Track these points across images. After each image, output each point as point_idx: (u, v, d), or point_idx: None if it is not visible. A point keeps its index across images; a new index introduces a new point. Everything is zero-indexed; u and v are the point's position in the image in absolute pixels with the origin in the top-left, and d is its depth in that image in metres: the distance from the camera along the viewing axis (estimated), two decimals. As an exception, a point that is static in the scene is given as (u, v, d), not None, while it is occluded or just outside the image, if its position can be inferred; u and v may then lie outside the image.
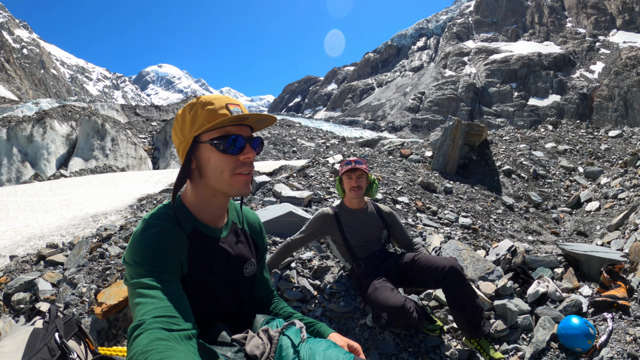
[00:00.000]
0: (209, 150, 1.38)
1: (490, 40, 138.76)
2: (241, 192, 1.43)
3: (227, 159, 1.38)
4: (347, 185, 3.32)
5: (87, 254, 3.80)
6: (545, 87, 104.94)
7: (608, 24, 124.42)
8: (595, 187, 7.97)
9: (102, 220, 6.61)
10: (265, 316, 1.66)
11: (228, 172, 1.39)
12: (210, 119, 1.35)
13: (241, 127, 1.41)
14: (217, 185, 1.42)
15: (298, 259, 3.78)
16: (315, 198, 5.27)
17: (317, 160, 6.79)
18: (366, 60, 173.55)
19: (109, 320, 2.96)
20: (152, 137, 24.41)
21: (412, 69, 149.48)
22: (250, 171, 1.44)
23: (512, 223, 6.65)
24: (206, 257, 1.48)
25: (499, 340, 3.31)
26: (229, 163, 1.38)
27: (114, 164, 18.96)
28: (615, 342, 3.08)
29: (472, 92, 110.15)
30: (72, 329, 1.70)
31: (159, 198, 8.07)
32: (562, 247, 4.44)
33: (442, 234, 5.12)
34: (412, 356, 3.09)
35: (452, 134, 8.77)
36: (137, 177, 11.62)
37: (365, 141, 19.27)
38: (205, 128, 1.35)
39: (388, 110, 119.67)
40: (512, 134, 12.16)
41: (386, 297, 2.94)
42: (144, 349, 1.04)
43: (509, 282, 3.73)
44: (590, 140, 11.76)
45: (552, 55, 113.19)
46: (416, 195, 6.46)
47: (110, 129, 20.46)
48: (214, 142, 1.36)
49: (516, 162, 9.47)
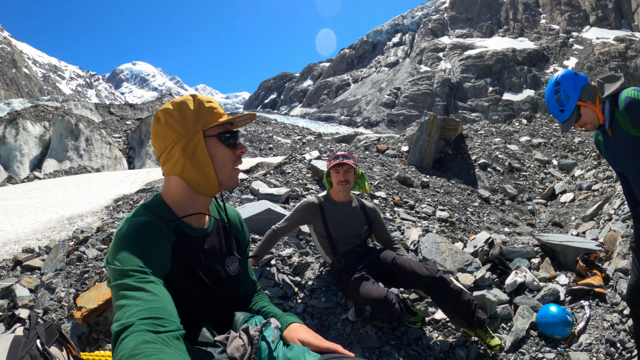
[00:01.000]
0: (215, 144, 1.47)
1: (465, 36, 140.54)
2: (237, 184, 1.55)
3: (231, 152, 1.49)
4: (334, 179, 3.37)
5: (64, 258, 3.72)
6: (520, 82, 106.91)
7: (581, 20, 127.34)
8: (570, 179, 8.18)
9: (78, 222, 6.48)
10: (245, 314, 1.66)
11: (230, 164, 1.49)
12: (216, 115, 1.46)
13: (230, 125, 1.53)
14: (220, 177, 1.48)
15: (278, 255, 3.79)
16: (293, 195, 5.27)
17: (294, 157, 6.80)
18: (342, 56, 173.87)
19: (90, 324, 2.91)
20: (126, 136, 23.99)
21: (387, 65, 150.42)
22: None
23: (488, 215, 6.78)
24: (189, 255, 1.48)
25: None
26: (231, 156, 1.49)
27: (88, 165, 18.56)
28: (593, 329, 3.20)
29: (447, 87, 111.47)
30: (53, 335, 1.67)
31: (135, 198, 7.96)
32: (538, 237, 4.56)
33: (420, 227, 5.19)
34: (395, 349, 3.13)
35: (428, 129, 8.87)
36: (112, 177, 11.42)
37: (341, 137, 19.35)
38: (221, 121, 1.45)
39: (364, 106, 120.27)
40: (487, 128, 12.36)
41: (369, 290, 3.00)
42: (131, 352, 1.03)
43: (487, 273, 3.81)
44: (564, 133, 12.04)
45: (526, 51, 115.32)
46: (393, 189, 6.52)
47: (84, 129, 20.02)
48: (224, 135, 1.47)
49: (491, 155, 9.64)
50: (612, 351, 2.95)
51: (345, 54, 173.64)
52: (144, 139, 22.28)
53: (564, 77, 2.58)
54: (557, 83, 2.59)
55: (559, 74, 2.62)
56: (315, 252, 4.03)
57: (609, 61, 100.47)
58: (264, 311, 1.72)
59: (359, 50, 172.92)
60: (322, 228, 3.37)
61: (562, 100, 2.57)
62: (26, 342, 1.53)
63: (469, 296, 3.07)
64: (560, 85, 2.58)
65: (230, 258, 1.64)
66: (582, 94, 2.53)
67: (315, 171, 6.03)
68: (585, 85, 2.53)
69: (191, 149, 1.44)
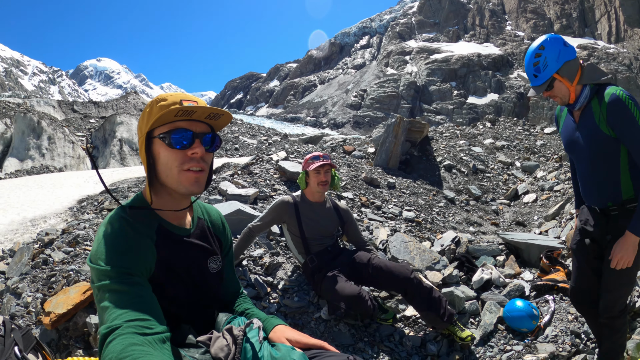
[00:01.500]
0: (159, 145, 1.38)
1: (432, 41, 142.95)
2: (190, 189, 1.40)
3: (175, 153, 1.37)
4: (314, 180, 3.41)
5: (29, 261, 3.62)
6: (484, 86, 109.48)
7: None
8: (532, 180, 8.49)
9: (41, 224, 6.30)
10: (227, 314, 1.65)
11: (176, 167, 1.37)
12: (166, 114, 1.33)
13: (196, 123, 1.41)
14: (167, 181, 1.40)
15: (249, 256, 3.82)
16: (261, 195, 5.29)
17: (261, 158, 6.81)
18: (309, 57, 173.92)
19: (59, 330, 2.84)
20: (90, 135, 23.31)
21: (354, 67, 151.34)
22: (202, 168, 1.42)
23: (453, 215, 6.97)
24: (172, 254, 1.46)
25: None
26: (176, 158, 1.37)
27: (51, 164, 17.92)
28: (558, 321, 3.37)
29: (413, 90, 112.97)
30: (30, 341, 1.63)
31: (100, 199, 7.78)
32: (502, 236, 4.75)
33: (388, 227, 5.30)
34: (368, 345, 3.22)
35: (395, 131, 9.02)
36: (75, 177, 11.11)
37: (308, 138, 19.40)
38: (153, 122, 1.35)
39: (330, 107, 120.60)
40: (452, 131, 12.64)
41: (342, 287, 3.08)
42: (119, 355, 1.02)
43: (455, 270, 3.96)
44: (526, 136, 12.46)
45: (491, 56, 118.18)
46: (360, 190, 6.62)
47: (47, 127, 19.31)
48: (161, 136, 1.37)
49: (456, 157, 9.89)
50: (577, 342, 3.12)
51: (312, 55, 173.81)
52: (108, 138, 21.70)
53: (550, 44, 2.41)
54: (541, 47, 2.42)
55: (546, 37, 2.45)
56: (286, 253, 4.07)
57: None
58: (248, 313, 1.72)
59: (326, 52, 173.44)
60: (296, 227, 3.42)
61: (539, 67, 2.43)
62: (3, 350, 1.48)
63: (439, 293, 3.19)
64: (544, 50, 2.42)
65: (212, 257, 1.62)
66: (562, 69, 2.40)
67: (283, 172, 6.05)
68: (569, 60, 2.40)
69: (142, 151, 1.42)
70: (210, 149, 1.45)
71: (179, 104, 1.36)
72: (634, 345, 2.85)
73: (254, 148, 20.72)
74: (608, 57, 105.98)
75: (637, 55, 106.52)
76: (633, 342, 2.87)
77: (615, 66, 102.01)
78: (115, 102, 32.96)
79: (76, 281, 3.24)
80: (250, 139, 22.87)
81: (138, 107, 32.00)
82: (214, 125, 1.48)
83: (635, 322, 3.11)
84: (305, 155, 4.37)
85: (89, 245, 3.92)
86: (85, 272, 3.39)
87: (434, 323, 3.19)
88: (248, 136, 23.86)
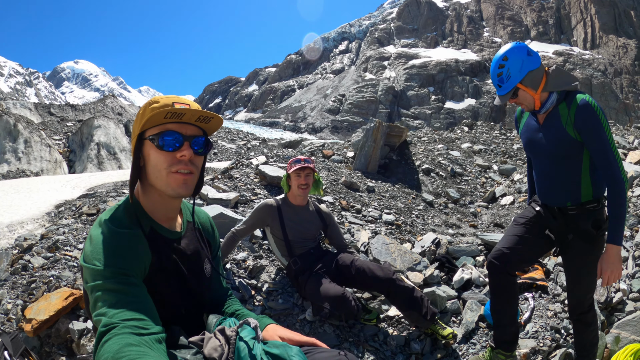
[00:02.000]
0: (149, 147, 1.40)
1: (410, 46, 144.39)
2: (177, 191, 1.42)
3: (163, 155, 1.39)
4: (295, 183, 3.47)
5: (8, 267, 3.56)
6: (462, 91, 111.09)
7: (523, 34, 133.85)
8: (509, 183, 8.69)
9: (18, 229, 6.15)
10: (218, 316, 1.66)
11: (164, 169, 1.39)
12: (157, 116, 1.35)
13: (187, 126, 1.42)
14: (156, 183, 1.42)
15: (232, 259, 3.84)
16: (241, 199, 5.30)
17: (241, 162, 6.82)
18: (288, 62, 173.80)
19: (41, 337, 2.80)
20: (67, 138, 22.83)
21: (333, 72, 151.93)
22: (191, 171, 1.43)
23: (432, 218, 7.08)
24: (164, 257, 1.47)
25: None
26: (165, 160, 1.39)
27: (27, 168, 17.50)
28: (538, 318, 3.50)
29: (391, 95, 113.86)
30: (19, 346, 1.61)
31: (77, 204, 7.64)
32: (481, 237, 4.87)
33: (368, 230, 5.38)
34: (353, 345, 3.28)
35: (374, 135, 9.12)
36: (52, 182, 10.87)
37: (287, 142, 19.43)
38: (144, 123, 1.38)
39: (308, 112, 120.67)
40: (430, 135, 12.83)
41: (326, 288, 3.13)
42: (115, 355, 1.03)
43: (436, 271, 4.06)
44: (503, 140, 12.73)
45: (469, 62, 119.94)
46: (340, 194, 6.68)
47: (23, 130, 18.84)
48: (151, 137, 1.39)
49: (435, 161, 10.05)
50: (557, 337, 3.25)
51: (291, 60, 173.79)
52: (85, 141, 21.31)
53: (513, 54, 2.45)
54: (504, 58, 2.47)
55: (510, 47, 2.48)
56: (269, 256, 4.10)
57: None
58: (238, 314, 1.73)
59: (305, 57, 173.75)
60: (279, 230, 3.46)
61: (503, 77, 2.48)
62: None
63: (420, 293, 3.27)
64: (507, 61, 2.46)
65: (203, 260, 1.64)
66: (525, 79, 2.45)
67: (263, 176, 6.08)
68: (533, 70, 2.45)
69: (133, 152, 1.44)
70: (200, 152, 1.47)
71: (170, 106, 1.38)
72: (612, 339, 2.97)
73: (233, 152, 20.63)
74: (584, 63, 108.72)
75: (612, 61, 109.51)
76: (612, 336, 2.99)
77: (590, 72, 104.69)
78: (92, 106, 32.38)
79: (57, 287, 3.21)
80: (229, 144, 22.75)
81: (116, 110, 31.50)
82: (206, 129, 1.50)
83: (613, 317, 3.24)
84: (287, 160, 4.42)
85: (69, 250, 3.88)
86: (66, 277, 3.36)
87: (417, 322, 3.26)
88: (227, 140, 23.74)
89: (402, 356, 3.30)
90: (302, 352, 1.45)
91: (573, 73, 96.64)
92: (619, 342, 2.94)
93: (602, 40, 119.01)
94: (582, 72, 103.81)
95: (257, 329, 1.50)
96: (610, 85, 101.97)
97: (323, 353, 1.52)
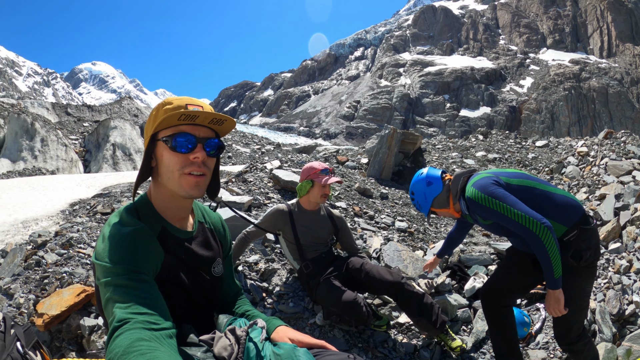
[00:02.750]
0: (162, 148, 1.40)
1: (425, 53, 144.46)
2: (190, 193, 1.41)
3: (176, 157, 1.38)
4: (319, 191, 3.44)
5: (22, 262, 3.60)
6: (477, 99, 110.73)
7: (539, 42, 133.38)
8: (523, 193, 8.60)
9: (32, 226, 6.25)
10: (228, 316, 1.66)
11: (177, 170, 1.39)
12: (170, 118, 1.35)
13: (200, 128, 1.42)
14: (169, 184, 1.42)
15: (244, 262, 3.84)
16: (255, 203, 5.31)
17: (255, 166, 6.84)
18: (304, 67, 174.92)
19: (51, 332, 2.83)
20: (83, 138, 23.17)
21: (348, 78, 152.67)
22: (203, 172, 1.43)
23: (445, 226, 7.02)
24: (174, 256, 1.48)
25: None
26: (178, 161, 1.38)
27: (43, 167, 17.76)
28: (549, 329, 3.44)
29: (406, 102, 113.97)
30: (31, 338, 1.61)
31: (92, 203, 7.74)
32: (494, 246, 4.81)
33: (381, 236, 5.35)
34: (362, 351, 3.25)
35: (388, 142, 9.10)
36: (68, 180, 11.03)
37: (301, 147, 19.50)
38: (157, 124, 1.38)
39: (323, 118, 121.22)
40: (444, 143, 12.77)
41: (338, 293, 3.11)
42: (126, 350, 1.03)
43: (447, 279, 4.01)
44: (518, 149, 12.59)
45: (484, 70, 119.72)
46: (353, 200, 6.66)
47: (40, 129, 19.16)
48: (164, 139, 1.38)
49: (449, 169, 9.98)
50: None
51: (307, 65, 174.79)
52: (101, 142, 21.60)
53: (416, 188, 2.88)
54: (411, 192, 2.92)
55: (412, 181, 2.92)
56: (281, 259, 4.09)
57: (563, 82, 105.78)
58: (248, 315, 1.74)
59: (321, 62, 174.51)
60: (291, 235, 3.45)
61: (417, 207, 2.92)
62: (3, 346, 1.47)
63: (431, 300, 3.23)
64: (414, 195, 2.90)
65: (215, 261, 1.65)
66: (434, 204, 2.83)
67: (277, 181, 6.08)
68: (437, 195, 2.81)
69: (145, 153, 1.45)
70: (212, 154, 1.47)
71: (184, 108, 1.38)
72: (623, 352, 2.91)
73: (247, 156, 20.74)
74: (600, 71, 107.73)
75: (629, 70, 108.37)
76: (623, 349, 2.94)
77: (607, 80, 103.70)
78: (109, 107, 32.85)
79: (69, 283, 3.24)
80: (244, 148, 22.89)
81: (132, 112, 31.91)
82: (218, 131, 1.50)
83: (625, 330, 3.17)
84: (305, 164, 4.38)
85: (82, 248, 3.91)
86: (78, 274, 3.38)
87: (426, 329, 3.22)
88: (241, 145, 23.89)
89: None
90: (310, 354, 1.44)
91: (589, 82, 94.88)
92: (630, 355, 2.90)
93: (619, 49, 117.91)
94: (598, 81, 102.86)
95: (263, 330, 1.50)
96: (627, 94, 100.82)
97: (332, 356, 1.51)
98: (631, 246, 3.89)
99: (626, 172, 6.27)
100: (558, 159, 9.37)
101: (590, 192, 5.80)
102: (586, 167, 7.77)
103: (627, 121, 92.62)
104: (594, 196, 5.49)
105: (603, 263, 3.85)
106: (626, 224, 4.20)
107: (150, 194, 1.51)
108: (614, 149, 7.78)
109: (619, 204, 4.59)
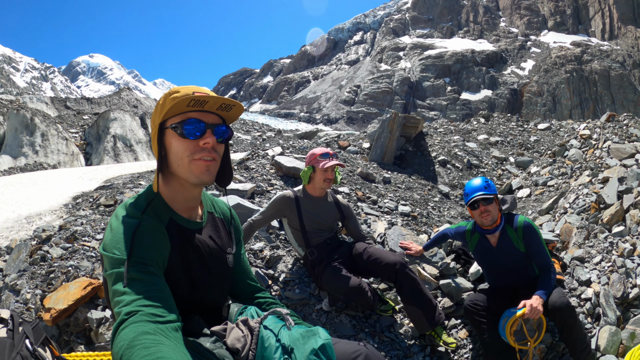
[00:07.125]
0: (171, 136, 1.40)
1: (425, 37, 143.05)
2: (201, 178, 1.42)
3: (186, 143, 1.39)
4: (321, 177, 3.43)
5: (27, 258, 3.61)
6: (478, 82, 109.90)
7: (540, 24, 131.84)
8: (526, 175, 8.56)
9: (36, 221, 6.26)
10: (239, 305, 1.66)
11: (187, 157, 1.39)
12: (178, 105, 1.36)
13: (207, 114, 1.43)
14: (179, 171, 1.42)
15: (250, 249, 3.85)
16: (258, 190, 5.30)
17: (257, 153, 6.82)
18: (302, 53, 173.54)
19: (59, 326, 2.84)
20: (83, 131, 23.13)
21: (348, 63, 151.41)
22: (214, 158, 1.43)
23: (448, 210, 7.02)
24: (183, 247, 1.48)
25: (447, 315, 3.57)
26: (187, 148, 1.39)
27: (44, 161, 17.76)
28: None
29: (406, 85, 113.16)
30: (40, 334, 1.61)
31: (95, 196, 7.74)
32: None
33: (385, 221, 5.35)
34: (369, 336, 3.27)
35: (390, 126, 9.04)
36: (70, 174, 11.04)
37: (303, 133, 19.44)
38: (165, 112, 1.38)
39: (323, 103, 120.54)
40: (446, 127, 12.69)
41: (343, 279, 3.12)
42: (130, 343, 1.03)
43: (452, 263, 4.00)
44: (520, 132, 12.52)
45: (485, 53, 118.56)
46: (356, 185, 6.65)
47: (40, 124, 19.12)
48: (173, 126, 1.39)
49: (451, 152, 9.94)
50: None
51: (306, 51, 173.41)
52: (101, 134, 21.58)
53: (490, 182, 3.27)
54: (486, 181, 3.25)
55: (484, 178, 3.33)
56: (286, 246, 4.10)
57: (565, 64, 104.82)
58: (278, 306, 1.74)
59: (320, 48, 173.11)
60: (297, 221, 3.44)
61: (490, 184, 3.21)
62: (12, 344, 1.46)
63: (431, 295, 3.22)
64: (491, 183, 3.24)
65: (225, 250, 1.65)
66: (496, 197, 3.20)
67: (279, 167, 6.07)
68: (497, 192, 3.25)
69: (154, 143, 1.44)
70: (221, 140, 1.47)
71: (191, 96, 1.38)
72: (627, 335, 2.91)
73: (248, 144, 20.70)
74: (602, 54, 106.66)
75: (630, 53, 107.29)
76: (627, 332, 2.94)
77: (608, 63, 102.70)
78: (108, 99, 32.75)
79: (75, 277, 3.24)
80: (244, 135, 22.85)
81: (131, 103, 31.81)
82: (226, 117, 1.50)
83: (629, 313, 3.17)
84: (308, 150, 4.36)
85: (87, 241, 3.91)
86: (84, 267, 3.39)
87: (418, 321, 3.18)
88: (242, 132, 23.84)
89: (417, 347, 3.28)
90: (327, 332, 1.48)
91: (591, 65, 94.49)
92: (634, 339, 2.92)
93: (621, 31, 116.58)
94: (600, 64, 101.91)
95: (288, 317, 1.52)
96: (629, 77, 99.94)
97: (344, 344, 1.53)
98: (635, 229, 3.88)
99: (629, 155, 6.23)
100: (560, 142, 9.32)
101: (593, 175, 5.77)
102: (589, 150, 7.71)
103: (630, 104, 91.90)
104: (597, 179, 5.46)
105: (607, 247, 3.84)
106: (629, 207, 4.19)
107: (157, 185, 1.49)
108: (616, 132, 7.73)
109: (622, 187, 4.56)
